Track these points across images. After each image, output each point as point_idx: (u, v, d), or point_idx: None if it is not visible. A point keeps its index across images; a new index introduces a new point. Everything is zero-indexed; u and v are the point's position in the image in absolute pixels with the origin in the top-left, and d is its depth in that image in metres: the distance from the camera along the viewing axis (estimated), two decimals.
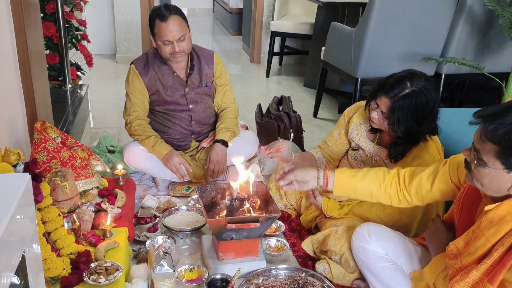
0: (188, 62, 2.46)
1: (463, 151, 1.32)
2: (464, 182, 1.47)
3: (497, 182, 1.23)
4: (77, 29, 3.72)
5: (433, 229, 1.59)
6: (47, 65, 2.82)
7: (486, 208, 1.28)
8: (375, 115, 1.89)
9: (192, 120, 2.54)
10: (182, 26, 2.29)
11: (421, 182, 1.56)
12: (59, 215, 1.64)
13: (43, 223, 1.58)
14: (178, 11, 2.31)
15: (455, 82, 3.94)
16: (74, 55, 3.84)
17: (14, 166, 1.54)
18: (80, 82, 3.74)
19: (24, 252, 0.93)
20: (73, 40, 3.67)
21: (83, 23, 3.79)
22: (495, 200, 1.29)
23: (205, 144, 2.55)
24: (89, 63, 3.78)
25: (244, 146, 2.54)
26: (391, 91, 1.81)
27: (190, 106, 2.50)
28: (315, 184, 1.66)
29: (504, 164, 1.20)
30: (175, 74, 2.44)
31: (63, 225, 1.66)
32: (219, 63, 2.55)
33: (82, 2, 3.80)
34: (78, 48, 3.71)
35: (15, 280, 0.97)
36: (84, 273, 1.60)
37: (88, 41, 3.85)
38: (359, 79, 3.24)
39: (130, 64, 2.48)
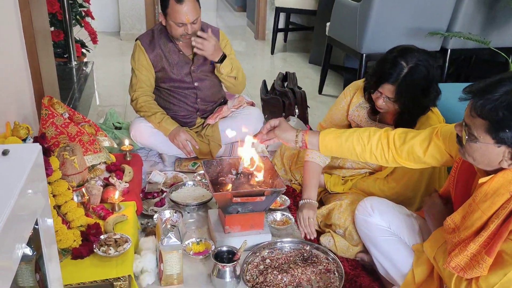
0: None
1: (455, 126, 1.33)
2: (456, 156, 1.48)
3: (488, 156, 1.24)
4: (81, 6, 3.71)
5: (430, 203, 1.61)
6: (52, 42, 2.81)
7: (480, 180, 1.30)
8: (381, 102, 1.87)
9: (198, 98, 2.55)
10: (196, 9, 2.27)
11: (414, 148, 1.55)
12: (69, 189, 1.67)
13: (53, 196, 1.61)
14: None
15: (461, 57, 3.91)
16: (78, 32, 3.83)
17: (24, 140, 1.57)
18: (85, 59, 3.75)
19: (37, 223, 0.96)
20: (77, 16, 3.66)
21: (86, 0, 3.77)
22: (488, 173, 1.31)
23: (211, 120, 2.56)
24: (94, 40, 3.78)
25: (249, 122, 2.55)
26: (391, 77, 1.79)
27: (196, 84, 2.51)
28: (294, 145, 1.69)
29: (494, 138, 1.21)
30: (181, 52, 2.44)
31: (72, 199, 1.70)
32: (224, 39, 2.54)
33: None
34: (83, 25, 3.70)
35: (28, 251, 1.00)
36: (94, 245, 1.64)
37: (92, 18, 3.84)
38: (364, 54, 3.23)
39: (136, 40, 2.47)
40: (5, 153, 0.88)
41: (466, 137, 1.26)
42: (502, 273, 1.26)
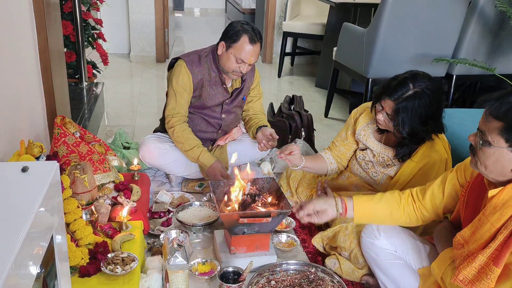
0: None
1: (469, 137, 1.37)
2: (470, 178, 1.50)
3: (501, 162, 1.27)
4: (94, 28, 3.79)
5: (441, 227, 1.63)
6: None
7: (490, 193, 1.32)
8: (380, 117, 1.93)
9: (220, 129, 2.58)
10: (258, 54, 2.33)
11: (434, 193, 1.60)
12: (78, 207, 1.70)
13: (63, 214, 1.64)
14: (261, 39, 2.33)
15: (467, 83, 3.94)
16: (90, 54, 3.92)
17: (37, 158, 1.60)
18: (95, 80, 3.82)
19: (52, 239, 0.98)
20: (90, 38, 3.74)
21: (99, 22, 3.86)
22: (496, 186, 1.33)
23: (221, 142, 2.60)
24: (105, 61, 3.85)
25: (256, 145, 2.58)
26: (394, 94, 1.84)
27: (223, 116, 2.53)
28: (334, 212, 1.66)
29: (507, 141, 1.25)
30: (224, 86, 2.44)
31: (81, 217, 1.72)
32: (257, 77, 2.60)
33: (98, 2, 3.87)
34: (94, 46, 3.78)
35: (33, 269, 1.01)
36: (101, 263, 1.66)
37: (104, 40, 3.92)
38: (370, 79, 3.27)
39: (178, 60, 2.41)
40: (24, 170, 0.91)
41: (480, 142, 1.29)
42: (510, 285, 1.27)
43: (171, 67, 2.47)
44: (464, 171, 1.54)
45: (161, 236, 2.04)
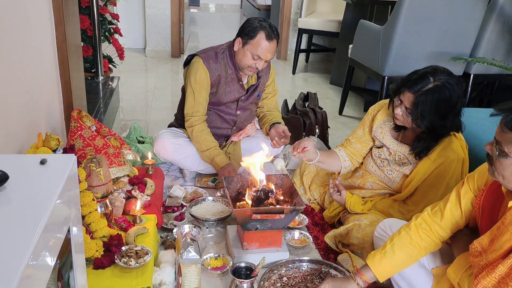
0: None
1: (486, 146, 1.34)
2: (483, 185, 1.48)
3: None
4: (110, 23, 3.82)
5: (458, 231, 1.61)
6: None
7: (510, 203, 1.30)
8: (399, 111, 1.91)
9: (234, 126, 2.59)
10: (275, 50, 2.33)
11: (453, 212, 1.54)
12: (93, 200, 1.72)
13: None
14: (278, 36, 2.33)
15: (485, 82, 3.89)
16: (106, 48, 3.95)
17: (54, 151, 1.62)
18: (111, 75, 3.85)
19: (69, 230, 0.99)
20: (106, 33, 3.77)
21: (116, 16, 3.88)
22: None
23: (235, 138, 2.60)
24: (121, 56, 3.88)
25: (270, 142, 2.58)
26: (414, 86, 1.83)
27: (238, 112, 2.54)
28: None
29: None
30: (240, 82, 2.44)
31: (96, 209, 1.74)
32: (273, 73, 2.60)
33: None
34: (111, 41, 3.81)
35: (50, 260, 1.03)
36: (115, 256, 1.68)
37: (120, 35, 3.95)
38: (386, 77, 3.25)
39: (194, 57, 2.41)
40: (43, 162, 0.93)
41: (497, 153, 1.27)
42: None
43: (187, 63, 2.47)
44: (476, 181, 1.51)
45: (174, 230, 2.06)
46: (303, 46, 5.36)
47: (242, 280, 1.71)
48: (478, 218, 1.49)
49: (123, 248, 1.73)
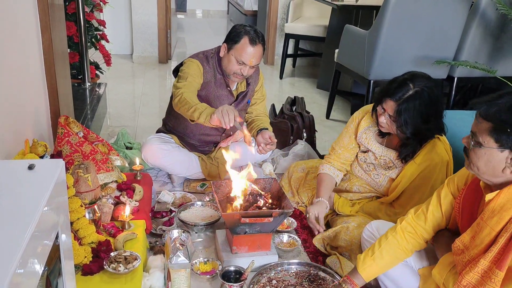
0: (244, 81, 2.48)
1: (463, 139, 1.40)
2: (463, 186, 1.51)
3: (492, 162, 1.30)
4: (97, 29, 3.81)
5: (439, 233, 1.64)
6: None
7: (487, 197, 1.33)
8: (383, 119, 1.95)
9: (223, 133, 2.59)
10: (260, 56, 2.32)
11: (434, 215, 1.58)
12: (81, 206, 1.71)
13: None
14: (263, 41, 2.31)
15: (468, 85, 3.95)
16: (93, 54, 3.93)
17: (41, 157, 1.62)
18: (98, 81, 3.84)
19: (57, 237, 0.99)
20: (93, 39, 3.76)
21: (102, 23, 3.87)
22: (492, 189, 1.35)
23: (223, 144, 2.61)
24: (108, 62, 3.86)
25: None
26: (395, 95, 1.87)
27: None
28: None
29: (497, 141, 1.27)
30: (229, 88, 2.44)
31: (84, 216, 1.74)
32: (261, 78, 2.60)
33: (101, 3, 3.89)
34: (98, 47, 3.80)
35: (38, 268, 1.02)
36: (104, 262, 1.67)
37: (107, 41, 3.94)
38: (371, 81, 3.29)
39: (188, 59, 2.39)
40: (31, 167, 0.92)
41: (472, 143, 1.32)
42: None
43: (176, 70, 2.46)
44: (457, 182, 1.55)
45: (163, 235, 2.05)
46: (290, 51, 5.40)
47: (231, 284, 1.71)
48: (458, 218, 1.52)
49: (112, 254, 1.72)
